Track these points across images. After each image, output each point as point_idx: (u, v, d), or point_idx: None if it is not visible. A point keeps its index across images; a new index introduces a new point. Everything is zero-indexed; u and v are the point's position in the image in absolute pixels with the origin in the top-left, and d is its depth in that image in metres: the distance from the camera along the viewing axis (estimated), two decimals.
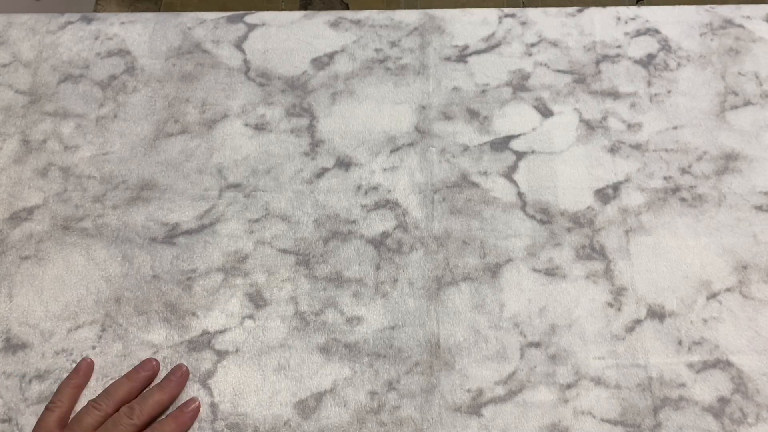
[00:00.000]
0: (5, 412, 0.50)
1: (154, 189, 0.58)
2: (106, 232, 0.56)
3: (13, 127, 0.61)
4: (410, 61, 0.63)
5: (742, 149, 0.59)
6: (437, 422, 0.50)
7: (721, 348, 0.52)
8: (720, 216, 0.56)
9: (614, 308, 0.53)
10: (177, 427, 0.48)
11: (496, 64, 0.63)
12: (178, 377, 0.50)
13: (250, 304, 0.54)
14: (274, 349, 0.52)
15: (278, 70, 0.63)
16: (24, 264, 0.55)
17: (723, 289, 0.54)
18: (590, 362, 0.51)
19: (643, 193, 0.57)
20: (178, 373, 0.50)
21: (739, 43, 0.64)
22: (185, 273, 0.55)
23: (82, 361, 0.51)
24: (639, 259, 0.55)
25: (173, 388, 0.50)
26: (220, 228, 0.56)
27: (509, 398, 0.50)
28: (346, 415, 0.50)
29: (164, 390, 0.49)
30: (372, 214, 0.57)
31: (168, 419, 0.48)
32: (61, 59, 0.64)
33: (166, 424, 0.48)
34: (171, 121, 0.61)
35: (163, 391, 0.49)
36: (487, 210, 0.57)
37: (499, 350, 0.52)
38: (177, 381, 0.50)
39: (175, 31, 0.65)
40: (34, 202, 0.57)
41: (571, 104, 0.61)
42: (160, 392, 0.49)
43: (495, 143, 0.59)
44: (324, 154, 0.59)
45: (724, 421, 0.49)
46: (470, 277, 0.54)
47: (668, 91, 0.61)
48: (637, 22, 0.65)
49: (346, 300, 0.54)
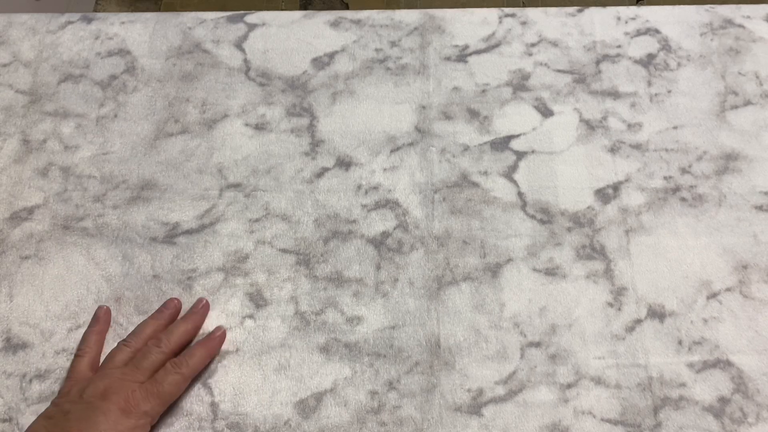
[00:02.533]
0: (5, 411, 0.50)
1: (155, 189, 0.58)
2: (106, 232, 0.56)
3: (13, 126, 0.61)
4: (410, 60, 0.63)
5: (742, 149, 0.59)
6: (437, 422, 0.50)
7: (721, 348, 0.52)
8: (720, 216, 0.56)
9: (614, 308, 0.53)
10: (206, 351, 0.51)
11: (496, 63, 0.63)
12: (199, 309, 0.53)
13: (251, 303, 0.54)
14: (274, 349, 0.52)
15: (278, 70, 0.63)
16: (24, 264, 0.55)
17: (723, 289, 0.54)
18: (590, 362, 0.51)
19: (643, 193, 0.57)
20: (200, 305, 0.53)
21: (739, 42, 0.64)
22: (185, 273, 0.55)
23: (99, 309, 0.53)
24: (639, 258, 0.55)
25: (197, 318, 0.52)
26: (220, 228, 0.56)
27: (509, 398, 0.50)
28: (346, 415, 0.50)
29: (188, 320, 0.52)
30: (372, 213, 0.57)
31: (197, 345, 0.51)
32: (62, 59, 0.64)
33: (196, 349, 0.50)
34: (171, 121, 0.61)
35: (187, 322, 0.52)
36: (487, 210, 0.57)
37: (499, 350, 0.52)
38: (200, 312, 0.53)
39: (175, 30, 0.65)
40: (34, 202, 0.57)
41: (571, 104, 0.61)
42: (184, 323, 0.52)
43: (495, 143, 0.59)
44: (324, 153, 0.59)
45: (724, 420, 0.49)
46: (470, 277, 0.54)
47: (668, 90, 0.61)
48: (637, 22, 0.65)
49: (346, 300, 0.54)
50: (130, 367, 0.48)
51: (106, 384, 0.47)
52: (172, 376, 0.48)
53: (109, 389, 0.46)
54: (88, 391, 0.46)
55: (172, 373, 0.48)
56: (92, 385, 0.47)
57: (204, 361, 0.51)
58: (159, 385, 0.48)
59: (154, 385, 0.47)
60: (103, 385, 0.47)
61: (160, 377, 0.48)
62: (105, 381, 0.47)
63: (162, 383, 0.48)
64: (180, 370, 0.49)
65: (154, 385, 0.47)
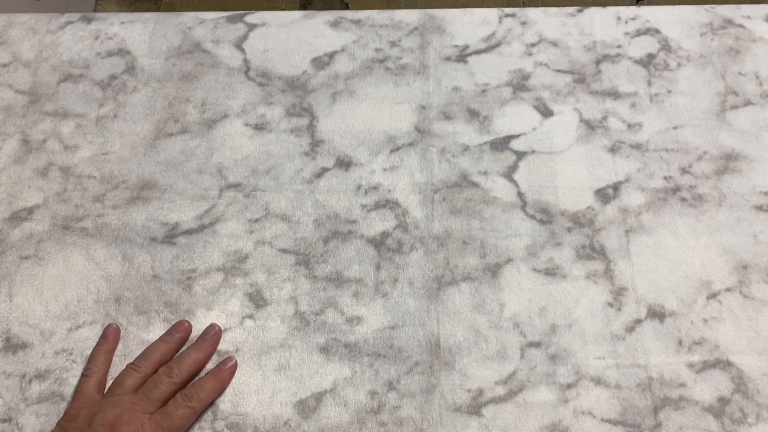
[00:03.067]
0: (5, 412, 0.50)
1: (154, 189, 0.58)
2: (106, 232, 0.56)
3: (13, 126, 0.61)
4: (410, 60, 0.63)
5: (742, 149, 0.59)
6: (437, 422, 0.50)
7: (721, 348, 0.52)
8: (720, 216, 0.56)
9: (614, 308, 0.53)
10: (217, 383, 0.50)
11: (496, 63, 0.63)
12: (211, 336, 0.52)
13: (250, 303, 0.54)
14: (274, 349, 0.52)
15: (278, 70, 0.63)
16: (24, 264, 0.55)
17: (723, 289, 0.54)
18: (590, 362, 0.51)
19: (643, 193, 0.57)
20: (212, 332, 0.52)
21: (739, 42, 0.64)
22: (185, 273, 0.55)
23: (108, 327, 0.52)
24: (639, 259, 0.55)
25: (208, 347, 0.51)
26: (220, 228, 0.56)
27: (509, 398, 0.50)
28: (346, 415, 0.50)
29: (200, 349, 0.51)
30: (372, 214, 0.57)
31: (208, 376, 0.50)
32: (61, 59, 0.64)
33: (206, 381, 0.49)
34: (171, 121, 0.61)
35: (199, 350, 0.51)
36: (487, 210, 0.57)
37: (499, 350, 0.52)
38: (211, 340, 0.51)
39: (175, 30, 0.65)
40: (34, 202, 0.57)
41: (571, 104, 0.61)
42: (196, 351, 0.50)
43: (495, 143, 0.59)
44: (324, 154, 0.59)
45: (724, 421, 0.49)
46: (470, 277, 0.54)
47: (668, 90, 0.61)
48: (637, 22, 0.65)
49: (346, 300, 0.54)
50: (140, 396, 0.47)
51: (115, 414, 0.46)
52: (182, 410, 0.47)
53: (119, 420, 0.46)
54: (98, 420, 0.46)
55: (183, 407, 0.47)
56: (102, 413, 0.46)
57: (215, 394, 0.50)
58: (169, 418, 0.47)
59: (165, 419, 0.47)
60: (113, 415, 0.46)
61: (170, 410, 0.47)
62: (115, 411, 0.46)
63: (172, 416, 0.47)
64: (191, 404, 0.48)
65: (164, 419, 0.47)
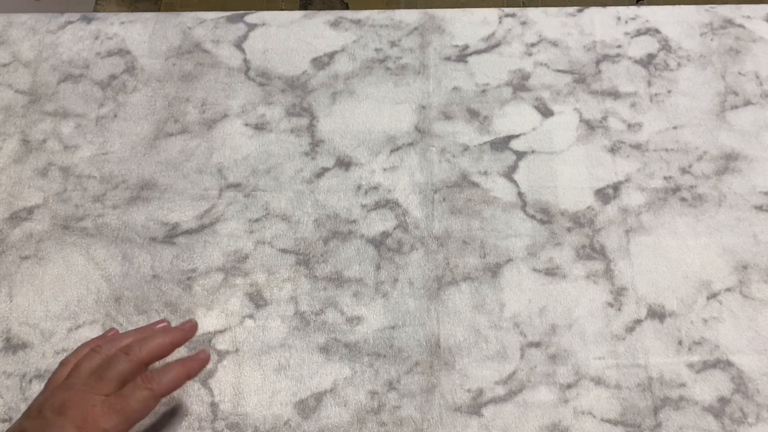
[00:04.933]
0: (5, 411, 0.50)
1: (154, 189, 0.58)
2: (106, 232, 0.56)
3: (13, 126, 0.60)
4: (410, 60, 0.63)
5: (742, 149, 0.59)
6: (437, 422, 0.50)
7: (721, 348, 0.52)
8: (720, 216, 0.56)
9: (614, 308, 0.53)
10: (183, 370, 0.45)
11: (496, 63, 0.63)
12: (184, 327, 0.49)
13: (250, 303, 0.54)
14: (274, 349, 0.52)
15: (278, 70, 0.63)
16: (24, 264, 0.55)
17: (723, 289, 0.54)
18: (590, 362, 0.51)
19: (643, 193, 0.57)
20: (186, 324, 0.49)
21: (739, 42, 0.64)
22: (185, 273, 0.55)
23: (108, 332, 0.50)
24: (639, 259, 0.55)
25: (177, 334, 0.47)
26: (220, 228, 0.56)
27: (509, 398, 0.50)
28: (346, 415, 0.50)
29: (167, 334, 0.47)
30: (372, 213, 0.57)
31: (175, 363, 0.46)
32: (61, 59, 0.64)
33: (172, 367, 0.45)
34: (171, 121, 0.61)
35: (165, 335, 0.47)
36: (487, 210, 0.57)
37: (499, 350, 0.52)
38: (182, 329, 0.48)
39: (175, 30, 0.65)
40: (34, 202, 0.57)
41: (571, 104, 0.61)
42: (162, 335, 0.46)
43: (495, 143, 0.59)
44: (324, 153, 0.59)
45: (724, 421, 0.49)
46: (470, 277, 0.54)
47: (668, 90, 0.61)
48: (637, 22, 0.65)
49: (346, 300, 0.54)
50: (93, 378, 0.43)
51: (65, 397, 0.42)
52: (140, 392, 0.42)
53: (67, 403, 0.41)
54: (47, 405, 0.41)
55: (141, 389, 0.43)
56: (51, 398, 0.42)
57: (179, 381, 0.45)
58: (124, 400, 0.42)
59: (119, 401, 0.42)
60: (62, 399, 0.42)
61: (127, 392, 0.42)
62: (65, 394, 0.42)
63: (128, 399, 0.42)
64: (150, 386, 0.43)
65: (118, 401, 0.42)
